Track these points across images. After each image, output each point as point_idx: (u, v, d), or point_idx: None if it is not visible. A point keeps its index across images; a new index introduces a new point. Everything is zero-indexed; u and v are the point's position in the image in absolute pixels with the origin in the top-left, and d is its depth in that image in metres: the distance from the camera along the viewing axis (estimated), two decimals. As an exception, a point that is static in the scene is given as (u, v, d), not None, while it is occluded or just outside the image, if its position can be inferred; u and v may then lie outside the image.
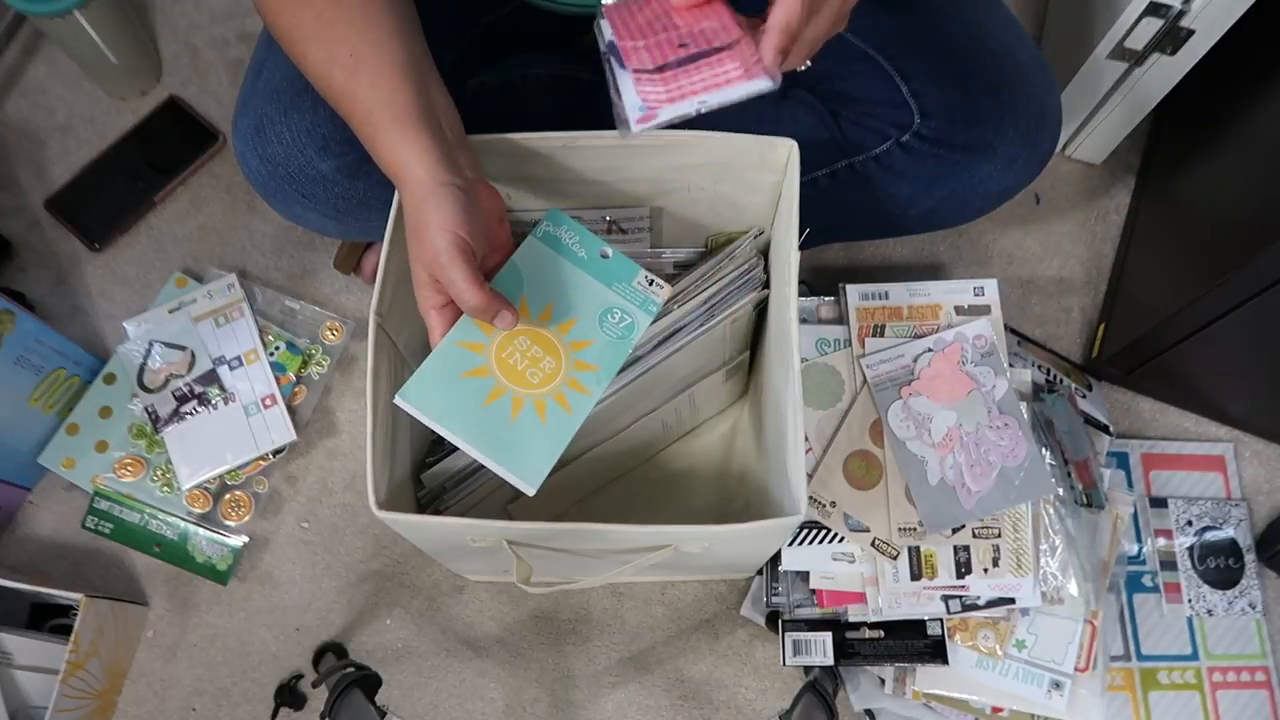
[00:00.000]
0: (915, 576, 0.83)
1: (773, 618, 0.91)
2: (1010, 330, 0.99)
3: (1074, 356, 1.07)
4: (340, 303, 1.08)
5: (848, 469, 0.86)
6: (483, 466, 0.80)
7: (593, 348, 0.68)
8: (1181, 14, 0.90)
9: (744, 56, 0.58)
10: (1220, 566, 0.98)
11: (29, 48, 1.19)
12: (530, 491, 0.63)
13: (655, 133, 0.71)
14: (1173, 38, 0.93)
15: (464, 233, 0.60)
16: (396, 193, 0.70)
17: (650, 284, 0.72)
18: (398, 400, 0.63)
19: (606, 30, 0.62)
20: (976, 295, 0.91)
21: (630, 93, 0.59)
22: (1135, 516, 0.99)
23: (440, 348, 0.64)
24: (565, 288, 0.70)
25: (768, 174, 0.76)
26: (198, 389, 1.00)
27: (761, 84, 0.57)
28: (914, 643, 0.85)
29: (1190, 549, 0.98)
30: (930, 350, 0.88)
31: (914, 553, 0.84)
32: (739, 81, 0.57)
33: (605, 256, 0.72)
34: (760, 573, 0.94)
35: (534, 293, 0.69)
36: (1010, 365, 0.88)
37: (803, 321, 0.91)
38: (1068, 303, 1.10)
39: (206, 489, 0.99)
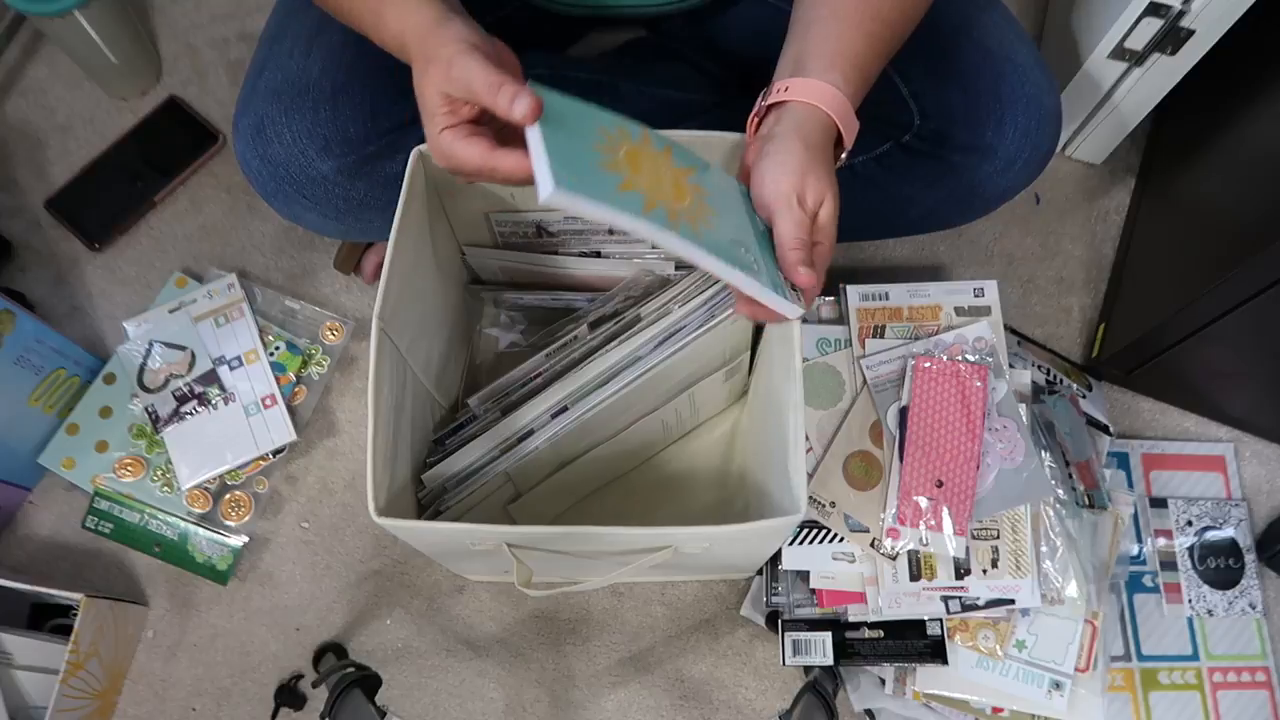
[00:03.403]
0: (914, 577, 0.83)
1: (773, 618, 0.91)
2: (1010, 330, 0.99)
3: (1074, 356, 1.07)
4: (340, 303, 1.08)
5: (848, 469, 0.86)
6: (482, 467, 0.81)
7: (711, 197, 0.62)
8: (1181, 14, 0.90)
9: None
10: (1220, 566, 0.98)
11: (29, 48, 1.19)
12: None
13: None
14: (1173, 38, 0.93)
15: (475, 40, 0.59)
16: (400, 194, 0.70)
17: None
18: (554, 194, 0.52)
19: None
20: (976, 296, 0.91)
21: None
22: (1135, 517, 0.99)
23: (539, 129, 0.55)
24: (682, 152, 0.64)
25: (768, 174, 0.76)
26: (198, 389, 1.00)
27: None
28: (914, 643, 0.85)
29: (1190, 549, 0.98)
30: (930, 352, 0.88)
31: (913, 553, 0.84)
32: None
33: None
34: (760, 573, 0.94)
35: (652, 136, 0.62)
36: (1010, 365, 0.88)
37: (803, 321, 0.91)
38: (1068, 303, 1.10)
39: (206, 489, 0.99)
